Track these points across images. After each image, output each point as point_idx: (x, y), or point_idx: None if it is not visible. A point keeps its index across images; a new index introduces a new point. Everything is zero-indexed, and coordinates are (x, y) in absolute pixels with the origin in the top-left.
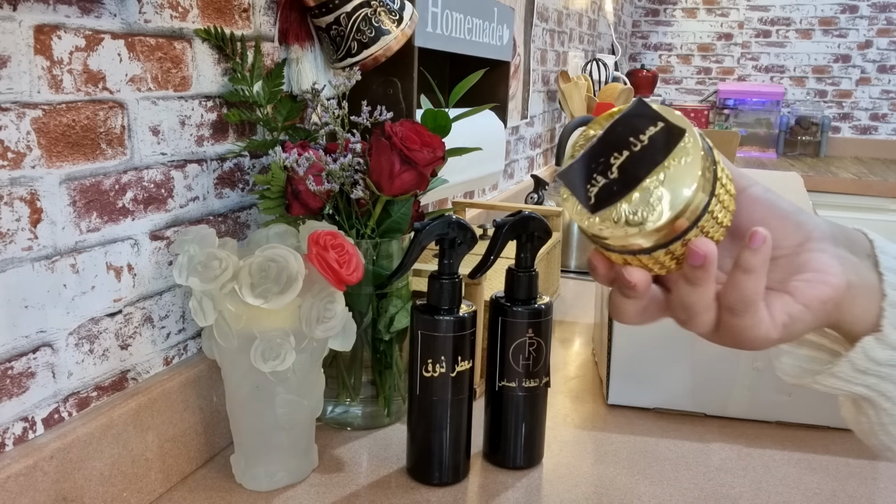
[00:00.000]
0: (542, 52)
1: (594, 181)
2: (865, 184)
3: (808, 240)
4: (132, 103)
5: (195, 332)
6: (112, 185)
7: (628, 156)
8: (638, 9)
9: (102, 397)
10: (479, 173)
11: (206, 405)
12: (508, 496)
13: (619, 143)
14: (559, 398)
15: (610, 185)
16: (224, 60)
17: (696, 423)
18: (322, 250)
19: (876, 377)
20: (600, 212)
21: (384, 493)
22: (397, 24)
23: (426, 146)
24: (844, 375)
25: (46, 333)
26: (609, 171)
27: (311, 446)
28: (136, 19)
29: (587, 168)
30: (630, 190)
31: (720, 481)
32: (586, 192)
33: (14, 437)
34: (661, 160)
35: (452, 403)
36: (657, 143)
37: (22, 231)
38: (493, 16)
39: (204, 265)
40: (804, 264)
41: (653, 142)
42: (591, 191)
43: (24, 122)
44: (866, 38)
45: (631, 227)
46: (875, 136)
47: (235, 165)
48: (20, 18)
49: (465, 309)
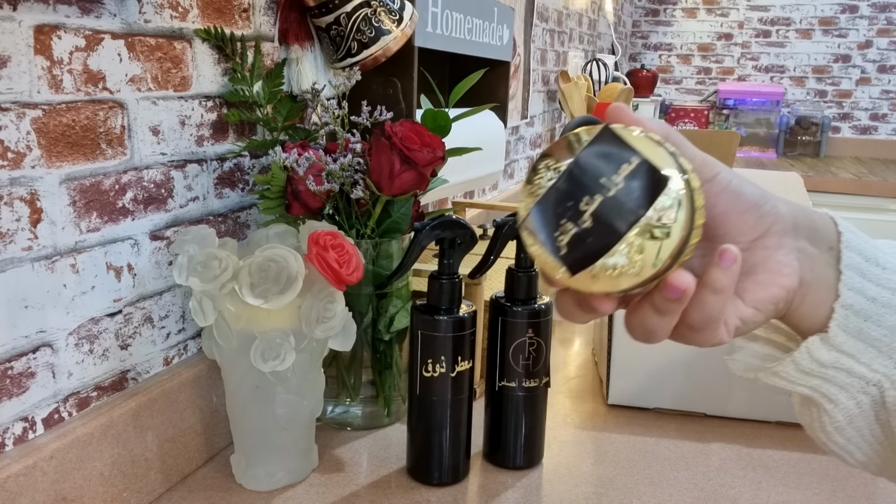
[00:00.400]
0: (542, 52)
1: (563, 228)
2: (865, 184)
3: (767, 234)
4: (132, 103)
5: (195, 332)
6: (112, 185)
7: (602, 202)
8: (638, 9)
9: (102, 397)
10: (479, 173)
11: (205, 405)
12: (508, 496)
13: (589, 184)
14: (559, 398)
15: (583, 235)
16: (224, 60)
17: (695, 422)
18: (322, 250)
19: (820, 379)
20: (580, 273)
21: (384, 493)
22: (397, 24)
23: (426, 146)
24: (788, 375)
25: (46, 333)
26: (580, 219)
27: (310, 446)
28: (136, 19)
29: (553, 213)
30: (610, 247)
31: (720, 481)
32: (555, 241)
33: (14, 437)
34: (642, 213)
35: (452, 403)
36: (634, 187)
37: (22, 231)
38: (493, 16)
39: (204, 265)
40: (759, 263)
41: (629, 186)
42: (561, 240)
43: (24, 122)
44: (866, 38)
45: (612, 278)
46: (875, 137)
47: (235, 165)
48: (20, 18)
49: (464, 309)
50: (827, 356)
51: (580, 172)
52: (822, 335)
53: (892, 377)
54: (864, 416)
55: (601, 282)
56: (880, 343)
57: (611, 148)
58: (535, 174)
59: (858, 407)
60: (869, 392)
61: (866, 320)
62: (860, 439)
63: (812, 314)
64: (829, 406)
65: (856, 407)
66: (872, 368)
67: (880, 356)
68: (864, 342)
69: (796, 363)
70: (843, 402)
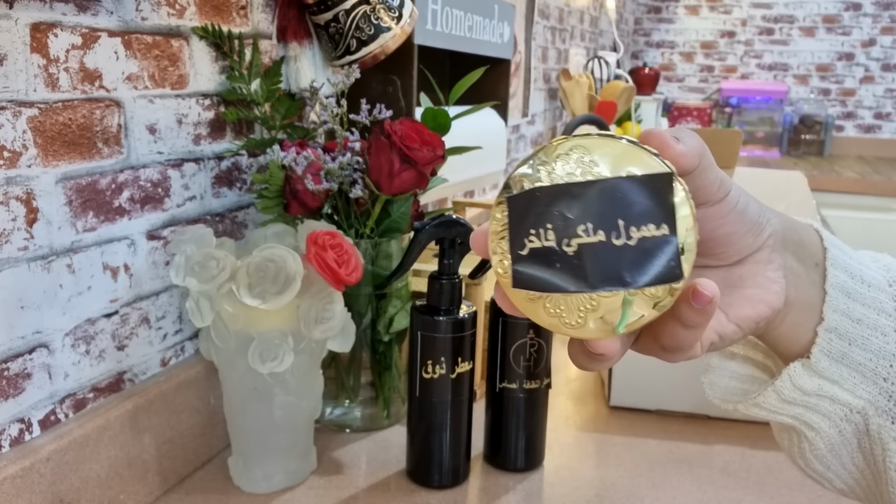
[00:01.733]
0: (543, 49)
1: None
2: (869, 183)
3: (758, 250)
4: (129, 102)
5: (192, 332)
6: (108, 185)
7: (603, 244)
8: (640, 6)
9: (99, 399)
10: (479, 172)
11: (203, 407)
12: (509, 499)
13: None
14: (560, 400)
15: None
16: (222, 58)
17: (698, 424)
18: (321, 250)
19: (802, 407)
20: (520, 289)
21: (383, 495)
22: (397, 21)
23: (426, 145)
24: (770, 406)
25: (42, 334)
26: (565, 241)
27: (309, 448)
28: (132, 17)
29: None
30: (567, 292)
31: (723, 483)
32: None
33: (10, 438)
34: (644, 284)
35: (452, 405)
36: (647, 252)
37: (18, 231)
38: (494, 13)
39: (201, 265)
40: (747, 277)
41: (643, 247)
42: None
43: (20, 121)
44: (870, 36)
45: (548, 315)
46: (879, 135)
47: (233, 164)
48: (16, 16)
49: (465, 310)
50: (810, 384)
51: (604, 195)
52: (804, 361)
53: (877, 404)
54: (846, 444)
55: (535, 311)
56: (864, 368)
57: (653, 197)
58: (559, 148)
59: (841, 435)
60: (853, 420)
61: (851, 344)
62: (840, 467)
63: (792, 335)
64: (810, 434)
65: (838, 435)
66: (857, 395)
67: (865, 381)
68: (848, 367)
69: (778, 392)
70: (825, 431)
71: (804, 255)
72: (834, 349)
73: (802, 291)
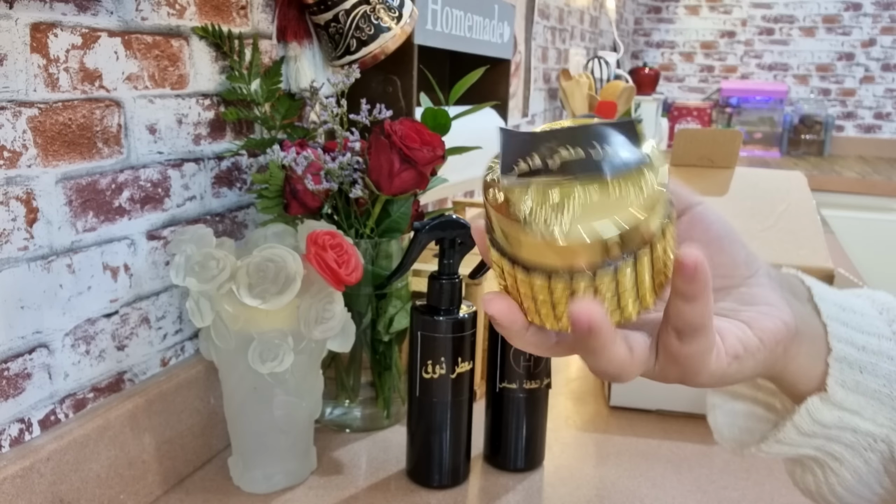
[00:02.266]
0: (543, 49)
1: (525, 161)
2: (869, 183)
3: (757, 274)
4: (129, 102)
5: (192, 332)
6: (108, 185)
7: (583, 159)
8: (640, 6)
9: (99, 399)
10: (479, 172)
11: (203, 407)
12: (509, 499)
13: (581, 139)
14: (560, 400)
15: (547, 173)
16: (222, 58)
17: (698, 424)
18: (320, 250)
19: (824, 438)
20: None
21: (383, 495)
22: (397, 21)
23: (426, 145)
24: (790, 441)
25: (42, 334)
26: (551, 161)
27: (309, 448)
28: (132, 17)
29: (528, 147)
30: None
31: (723, 483)
32: (511, 165)
33: (10, 438)
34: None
35: (452, 405)
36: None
37: (18, 231)
38: (494, 13)
39: (201, 265)
40: (756, 296)
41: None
42: (518, 168)
43: (20, 121)
44: (870, 36)
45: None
46: (879, 135)
47: (233, 164)
48: (16, 16)
49: (465, 310)
50: (829, 416)
51: (583, 130)
52: (821, 395)
53: None
54: (873, 473)
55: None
56: (880, 394)
57: (625, 133)
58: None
59: (867, 465)
60: (877, 449)
61: (862, 371)
62: (869, 492)
63: (806, 369)
64: (834, 464)
65: (864, 465)
66: (878, 423)
67: (883, 408)
68: (864, 395)
69: (798, 427)
70: (850, 461)
71: (796, 292)
72: (847, 379)
73: (808, 323)
